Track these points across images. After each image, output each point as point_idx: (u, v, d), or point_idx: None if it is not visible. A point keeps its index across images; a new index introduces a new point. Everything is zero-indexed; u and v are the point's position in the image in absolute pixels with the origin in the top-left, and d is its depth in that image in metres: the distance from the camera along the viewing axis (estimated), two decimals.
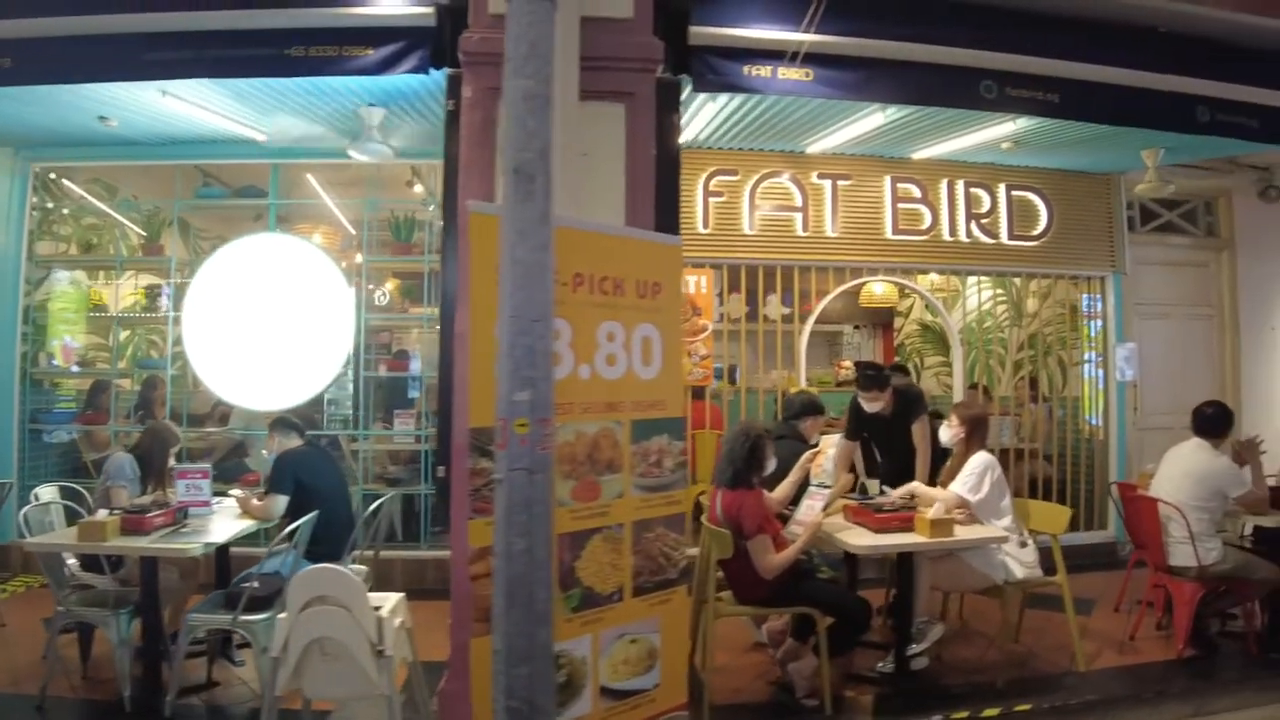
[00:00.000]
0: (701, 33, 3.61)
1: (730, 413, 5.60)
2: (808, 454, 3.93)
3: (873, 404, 4.52)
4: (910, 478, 4.58)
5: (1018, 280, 6.51)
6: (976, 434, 4.01)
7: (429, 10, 3.49)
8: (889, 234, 5.56)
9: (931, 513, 3.64)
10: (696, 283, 5.30)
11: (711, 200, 5.32)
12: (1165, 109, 4.14)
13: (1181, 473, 4.16)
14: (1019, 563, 3.83)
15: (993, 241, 5.73)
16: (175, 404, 5.42)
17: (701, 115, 4.64)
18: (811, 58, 3.67)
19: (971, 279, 7.00)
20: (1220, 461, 4.07)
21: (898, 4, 3.79)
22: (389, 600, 3.05)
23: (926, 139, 5.12)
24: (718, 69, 3.63)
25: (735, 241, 5.36)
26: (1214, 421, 4.20)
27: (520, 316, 2.36)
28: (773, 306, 5.67)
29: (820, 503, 3.76)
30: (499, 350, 2.28)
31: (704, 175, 5.31)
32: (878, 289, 7.60)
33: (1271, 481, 4.32)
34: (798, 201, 5.43)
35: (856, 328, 8.69)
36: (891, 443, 4.66)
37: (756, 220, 5.38)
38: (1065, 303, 6.28)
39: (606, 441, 2.73)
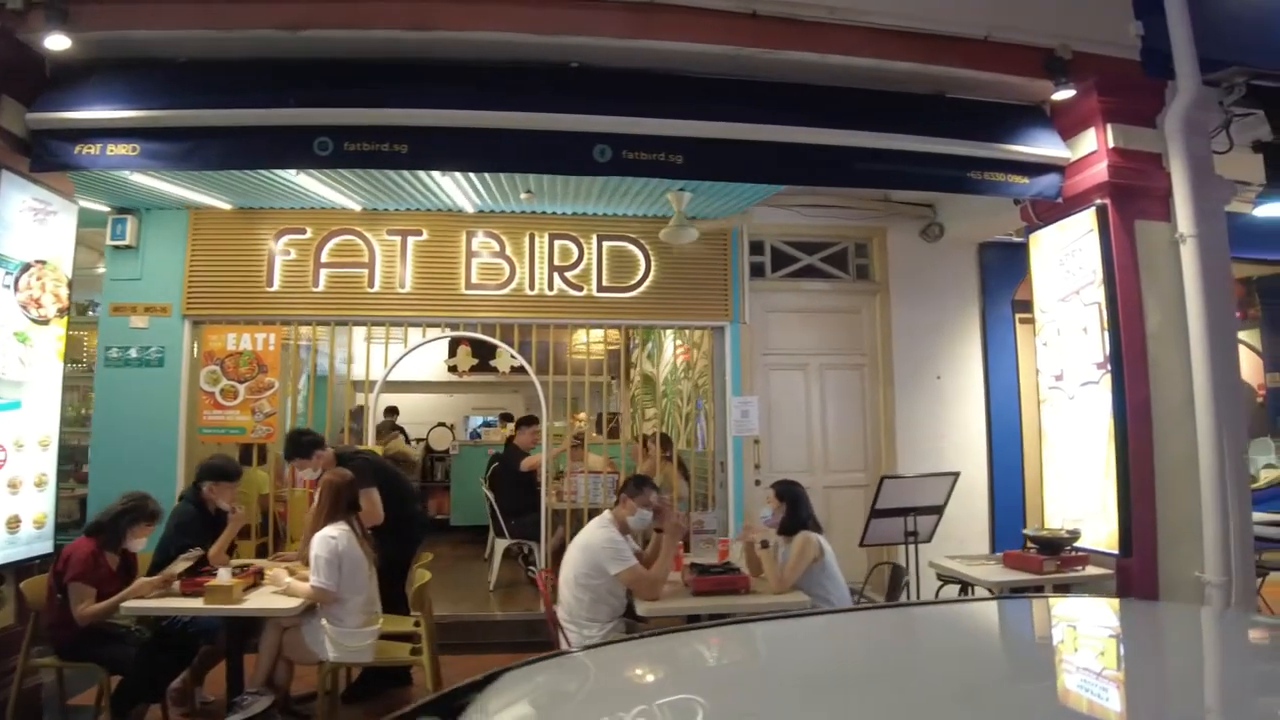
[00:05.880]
0: (38, 118, 3.84)
1: None
2: None
3: (301, 471, 4.48)
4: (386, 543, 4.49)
5: (689, 332, 6.26)
6: (332, 501, 3.85)
7: None
8: (464, 289, 5.51)
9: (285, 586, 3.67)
10: (265, 340, 5.46)
11: (280, 259, 5.48)
12: (558, 150, 3.95)
13: (576, 545, 3.85)
14: (337, 645, 3.63)
15: (581, 293, 5.54)
16: None
17: None
18: (140, 132, 3.84)
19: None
20: (602, 533, 3.76)
21: (226, 73, 3.89)
22: None
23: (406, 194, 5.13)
24: (53, 150, 3.84)
25: (304, 299, 5.47)
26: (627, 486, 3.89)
27: None
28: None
29: (185, 565, 3.79)
30: None
31: (273, 234, 5.49)
32: (582, 340, 7.43)
33: None
34: (366, 258, 5.50)
35: (614, 379, 8.46)
36: None
37: (325, 278, 5.49)
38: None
39: None
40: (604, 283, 5.56)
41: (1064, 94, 4.28)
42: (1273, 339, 6.81)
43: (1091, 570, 4.19)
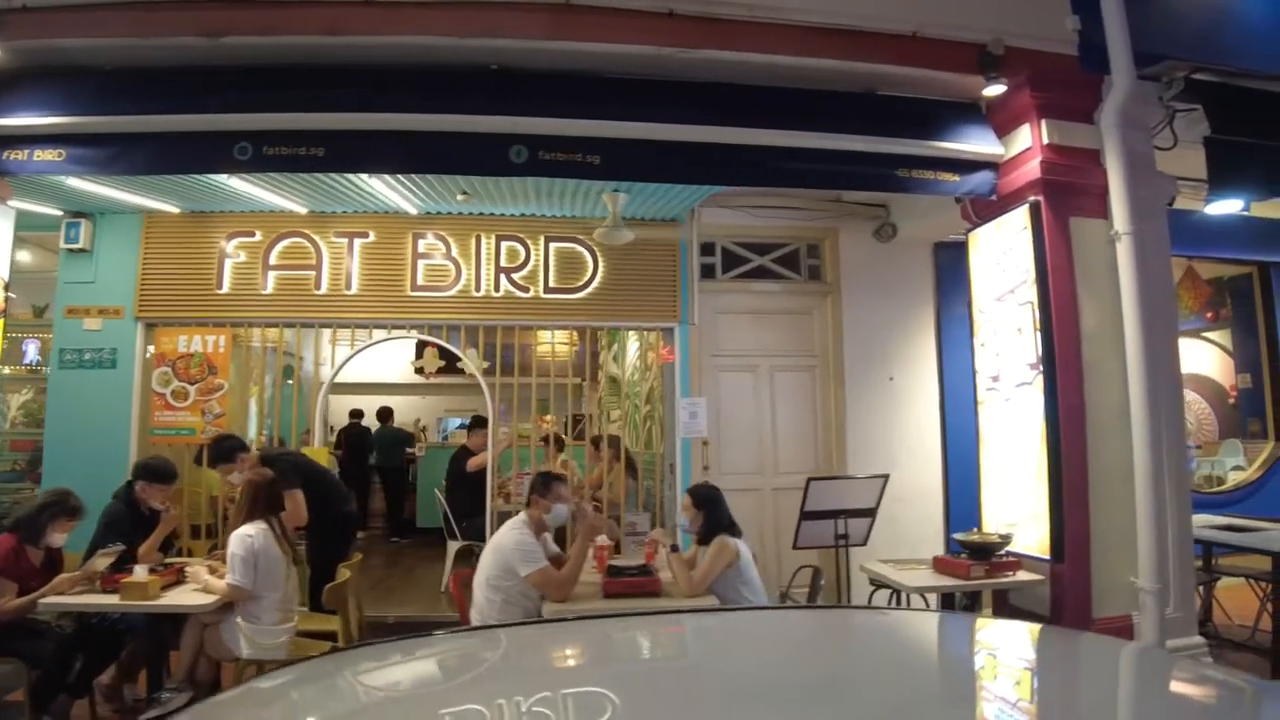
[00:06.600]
0: None
1: None
2: None
3: (228, 476, 4.50)
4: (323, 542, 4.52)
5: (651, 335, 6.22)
6: (251, 499, 3.86)
7: None
8: (409, 291, 5.52)
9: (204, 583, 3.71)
10: (215, 342, 5.52)
11: (229, 262, 5.52)
12: (474, 151, 3.96)
13: (489, 547, 3.85)
14: (251, 642, 3.66)
15: (528, 295, 5.54)
16: None
17: None
18: (65, 138, 3.91)
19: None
20: (514, 534, 3.74)
21: (149, 80, 3.94)
22: None
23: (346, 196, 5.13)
24: None
25: (253, 302, 5.52)
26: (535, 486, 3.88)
27: None
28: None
29: (106, 562, 3.84)
30: None
31: (224, 237, 5.54)
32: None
33: None
34: (314, 260, 5.53)
35: (581, 381, 8.45)
36: None
37: (274, 280, 5.53)
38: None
39: None
40: (551, 284, 5.55)
41: (995, 89, 4.20)
42: (1244, 339, 6.63)
43: (1024, 575, 4.09)
